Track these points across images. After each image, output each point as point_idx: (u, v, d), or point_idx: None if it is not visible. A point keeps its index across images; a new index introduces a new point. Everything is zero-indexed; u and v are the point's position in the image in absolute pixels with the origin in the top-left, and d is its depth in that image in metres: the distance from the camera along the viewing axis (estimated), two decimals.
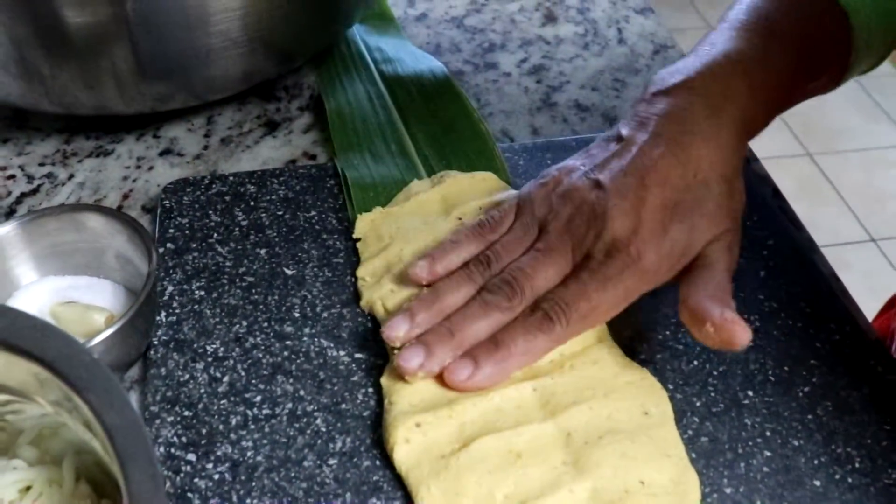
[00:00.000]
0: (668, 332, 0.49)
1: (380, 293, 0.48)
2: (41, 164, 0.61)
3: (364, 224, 0.53)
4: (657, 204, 0.44)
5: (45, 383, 0.33)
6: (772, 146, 2.15)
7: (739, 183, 0.46)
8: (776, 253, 0.54)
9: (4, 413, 0.38)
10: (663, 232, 0.44)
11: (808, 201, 2.01)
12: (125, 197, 0.59)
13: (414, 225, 0.52)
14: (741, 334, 0.41)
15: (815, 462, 0.44)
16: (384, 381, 0.44)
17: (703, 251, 0.45)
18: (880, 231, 1.95)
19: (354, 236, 0.52)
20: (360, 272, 0.50)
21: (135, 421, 0.31)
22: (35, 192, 0.59)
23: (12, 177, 0.60)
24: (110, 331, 0.43)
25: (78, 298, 0.49)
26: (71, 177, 0.60)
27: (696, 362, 0.48)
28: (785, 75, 0.49)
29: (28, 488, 0.38)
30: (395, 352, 0.44)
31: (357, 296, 0.50)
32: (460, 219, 0.52)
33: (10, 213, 0.57)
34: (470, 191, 0.55)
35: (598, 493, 0.40)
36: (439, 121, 0.61)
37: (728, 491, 0.43)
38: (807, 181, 2.08)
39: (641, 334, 0.49)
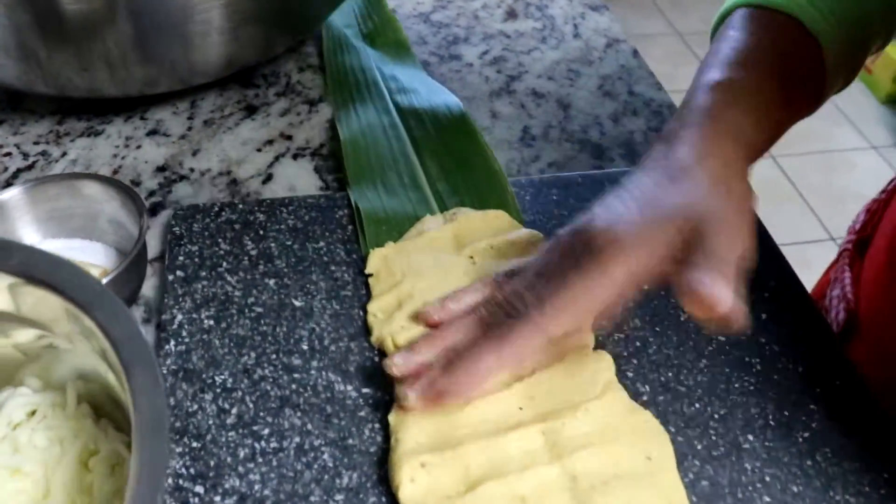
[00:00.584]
0: (670, 374, 0.50)
1: (390, 329, 0.48)
2: (36, 143, 0.64)
3: (376, 259, 0.53)
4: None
5: (58, 310, 0.37)
6: None
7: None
8: (776, 294, 0.55)
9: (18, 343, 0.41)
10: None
11: (771, 201, 2.04)
12: (114, 172, 0.62)
13: (426, 262, 0.52)
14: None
15: (809, 495, 0.45)
16: (391, 417, 0.45)
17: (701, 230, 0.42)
18: (840, 230, 1.98)
19: (367, 272, 0.53)
20: (372, 308, 0.50)
21: (137, 332, 0.34)
22: (30, 167, 0.62)
23: (8, 154, 0.63)
24: (104, 280, 0.46)
25: (74, 258, 0.51)
26: (64, 154, 0.63)
27: (697, 405, 0.48)
28: (774, 106, 0.49)
29: (33, 413, 0.40)
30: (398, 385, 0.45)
31: (365, 329, 0.51)
32: (472, 257, 0.53)
33: (6, 187, 0.59)
34: (482, 228, 0.55)
35: None
36: (453, 155, 0.61)
37: None
38: (770, 182, 2.11)
39: (645, 376, 0.50)
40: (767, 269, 0.56)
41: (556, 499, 0.42)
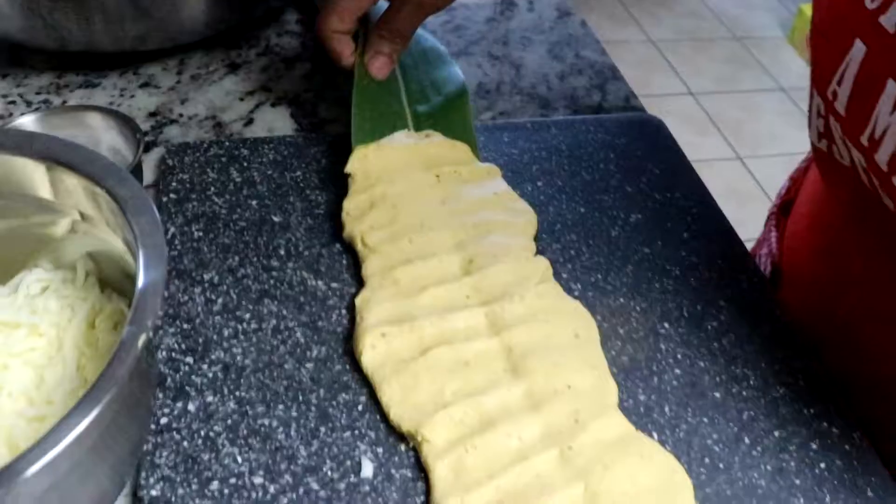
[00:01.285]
0: (599, 276, 0.57)
1: (360, 228, 0.55)
2: (37, 94, 0.70)
3: (357, 159, 0.59)
4: None
5: (75, 187, 0.43)
6: (705, 150, 2.27)
7: None
8: (697, 220, 0.62)
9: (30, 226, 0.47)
10: None
11: (737, 201, 2.13)
12: None
13: (399, 171, 0.59)
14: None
15: (717, 379, 0.52)
16: (358, 300, 0.52)
17: None
18: None
19: (346, 171, 0.59)
20: (346, 205, 0.57)
21: (140, 191, 0.41)
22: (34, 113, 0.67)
23: (13, 102, 0.69)
24: None
25: None
26: (64, 103, 0.69)
27: (622, 300, 0.56)
28: None
29: (46, 288, 0.46)
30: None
31: (335, 239, 0.58)
32: (437, 176, 0.60)
33: None
34: (449, 155, 0.62)
35: (531, 392, 0.47)
36: (434, 86, 0.67)
37: (642, 398, 0.50)
38: (737, 182, 2.20)
39: (577, 277, 0.57)
40: (691, 197, 0.64)
41: (493, 362, 0.49)
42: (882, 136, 0.43)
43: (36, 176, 0.45)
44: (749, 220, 2.07)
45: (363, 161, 0.59)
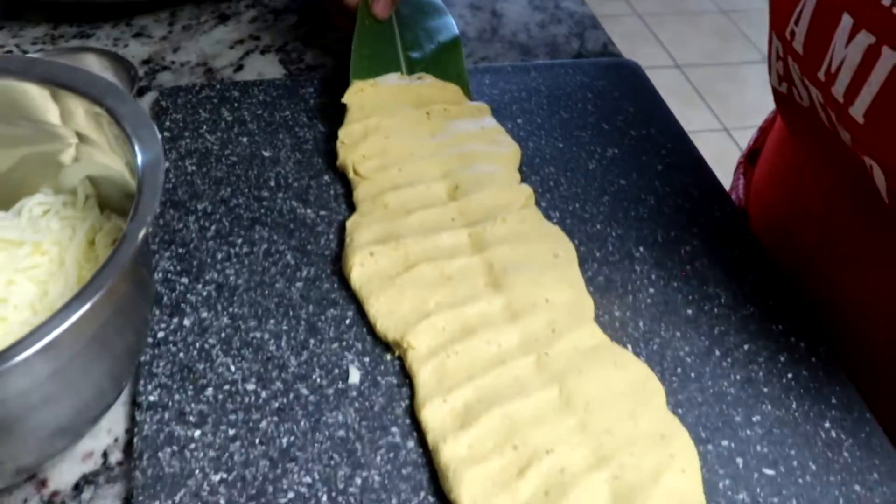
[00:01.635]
0: (577, 205, 0.59)
1: (353, 156, 0.57)
2: (33, 44, 0.72)
3: (353, 92, 0.62)
4: None
5: (76, 109, 0.45)
6: (692, 122, 2.30)
7: None
8: (672, 154, 0.65)
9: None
10: None
11: (724, 171, 2.15)
12: None
13: (393, 105, 0.61)
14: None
15: (690, 298, 0.54)
16: (348, 223, 0.54)
17: None
18: None
19: (343, 101, 0.61)
20: (341, 134, 0.59)
21: (139, 108, 0.43)
22: None
23: (10, 52, 0.71)
24: None
25: None
26: None
27: (598, 226, 0.58)
28: None
29: (47, 211, 0.48)
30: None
31: (324, 170, 0.59)
32: (428, 114, 0.61)
33: None
34: (440, 95, 0.64)
35: (511, 304, 0.49)
36: (427, 33, 0.69)
37: (617, 314, 0.52)
38: (724, 153, 2.23)
39: (556, 205, 0.59)
40: (666, 133, 0.66)
41: (475, 277, 0.51)
42: (838, 68, 0.45)
43: (39, 99, 0.47)
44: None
45: (359, 94, 0.61)
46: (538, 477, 0.41)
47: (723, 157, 2.20)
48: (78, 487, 0.43)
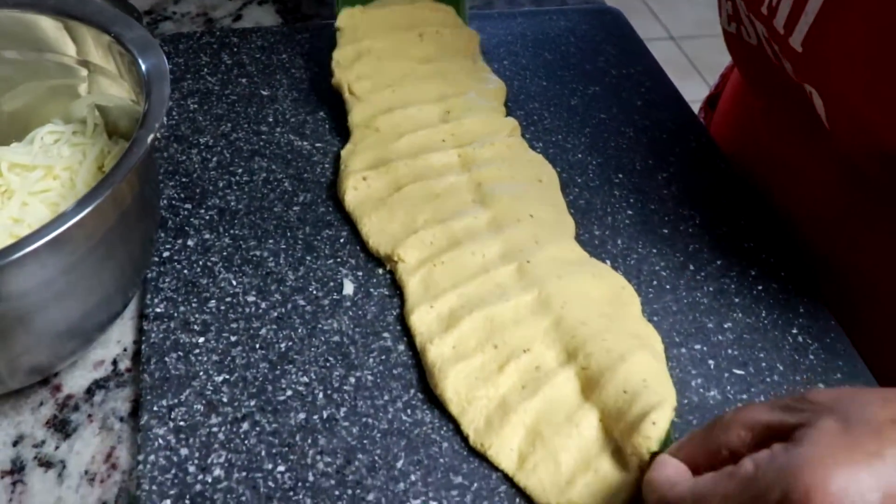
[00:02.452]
0: (560, 137, 0.61)
1: (348, 77, 0.59)
2: None
3: (345, 16, 0.63)
4: None
5: (86, 37, 0.48)
6: (686, 93, 2.30)
7: None
8: (651, 91, 0.66)
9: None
10: None
11: None
12: None
13: (384, 28, 0.62)
14: None
15: (666, 218, 0.56)
16: (343, 152, 0.55)
17: None
18: None
19: (336, 26, 0.62)
20: (336, 55, 0.60)
21: (144, 32, 0.45)
22: None
23: None
24: None
25: None
26: None
27: (580, 155, 0.60)
28: None
29: (58, 140, 0.50)
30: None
31: (319, 107, 0.61)
32: (421, 35, 0.63)
33: None
34: (433, 17, 0.65)
35: (496, 219, 0.51)
36: None
37: (597, 233, 0.54)
38: None
39: (540, 137, 0.61)
40: (645, 73, 0.67)
41: (463, 195, 0.52)
42: (779, 1, 0.47)
43: (51, 31, 0.48)
44: None
45: (351, 18, 0.62)
46: (516, 373, 0.43)
47: None
48: (90, 391, 0.45)
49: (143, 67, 0.44)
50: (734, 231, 0.55)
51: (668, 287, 0.51)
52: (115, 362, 0.47)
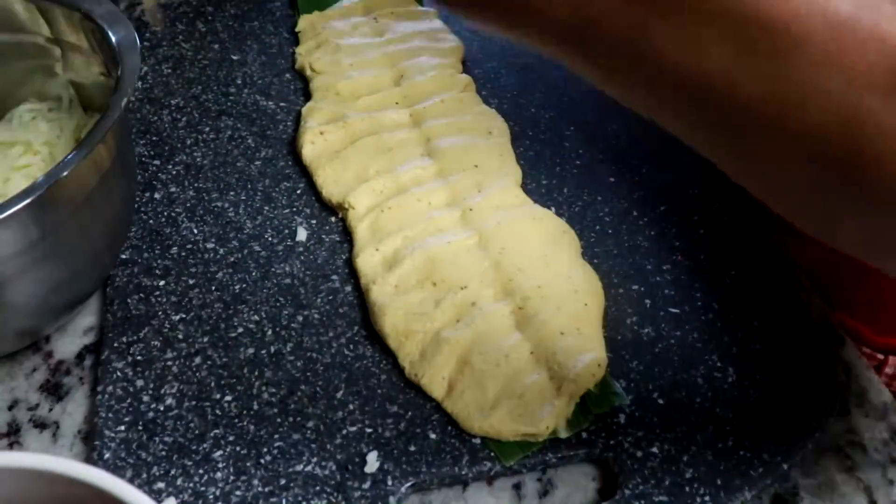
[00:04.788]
0: (515, 93, 0.62)
1: (310, 59, 0.61)
2: None
3: (304, 21, 0.65)
4: None
5: (55, 19, 0.49)
6: None
7: None
8: None
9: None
10: None
11: None
12: None
13: (339, 23, 0.64)
14: None
15: (612, 168, 0.57)
16: (304, 109, 0.57)
17: None
18: None
19: (297, 30, 0.65)
20: (299, 49, 0.63)
21: (113, 7, 0.46)
22: None
23: None
24: None
25: None
26: None
27: (532, 110, 0.60)
28: None
29: (35, 117, 0.51)
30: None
31: (286, 70, 0.63)
32: (375, 19, 0.64)
33: None
34: (387, 2, 0.67)
35: (443, 169, 0.53)
36: None
37: (544, 182, 0.55)
38: None
39: (494, 93, 0.62)
40: None
41: (413, 148, 0.54)
42: None
43: (23, 13, 0.50)
44: None
45: (309, 21, 0.65)
46: (451, 308, 0.45)
47: None
48: (80, 356, 0.47)
49: (114, 40, 0.45)
50: (680, 179, 0.56)
51: (610, 231, 0.52)
52: (102, 329, 0.48)
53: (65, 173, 0.37)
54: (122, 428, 0.41)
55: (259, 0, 0.70)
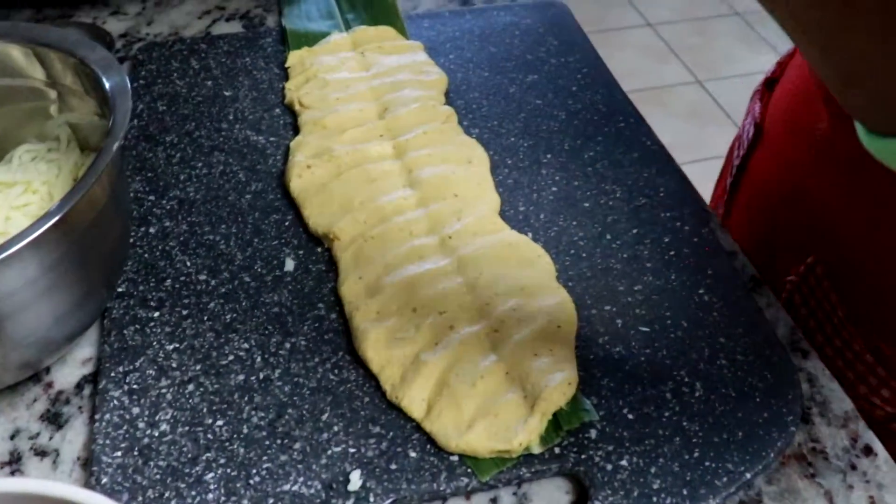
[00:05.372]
0: (496, 122, 0.65)
1: (298, 94, 0.63)
2: None
3: (293, 57, 0.68)
4: None
5: (57, 63, 0.52)
6: (665, 77, 2.31)
7: None
8: (587, 77, 0.70)
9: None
10: None
11: (698, 122, 2.17)
12: None
13: (328, 58, 0.67)
14: None
15: (587, 193, 0.59)
16: (292, 143, 0.60)
17: None
18: None
19: (286, 65, 0.68)
20: (288, 85, 0.66)
21: (107, 54, 0.49)
22: None
23: None
24: None
25: None
26: None
27: (513, 139, 0.63)
28: None
29: (35, 157, 0.54)
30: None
31: (276, 105, 0.65)
32: (363, 53, 0.67)
33: None
34: (374, 37, 0.70)
35: (424, 198, 0.55)
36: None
37: (522, 209, 0.58)
38: (697, 105, 2.24)
39: (476, 123, 0.64)
40: (583, 61, 0.71)
41: (396, 178, 0.56)
42: None
43: (21, 59, 0.53)
44: (712, 140, 2.11)
45: (299, 57, 0.68)
46: (430, 332, 0.47)
47: (696, 108, 2.23)
48: (80, 385, 0.49)
49: (108, 85, 0.48)
50: (653, 202, 0.59)
51: (584, 255, 0.54)
52: (100, 359, 0.51)
53: (62, 213, 0.40)
54: (119, 454, 0.44)
55: (251, 37, 0.73)
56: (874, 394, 0.58)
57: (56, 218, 0.40)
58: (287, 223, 0.56)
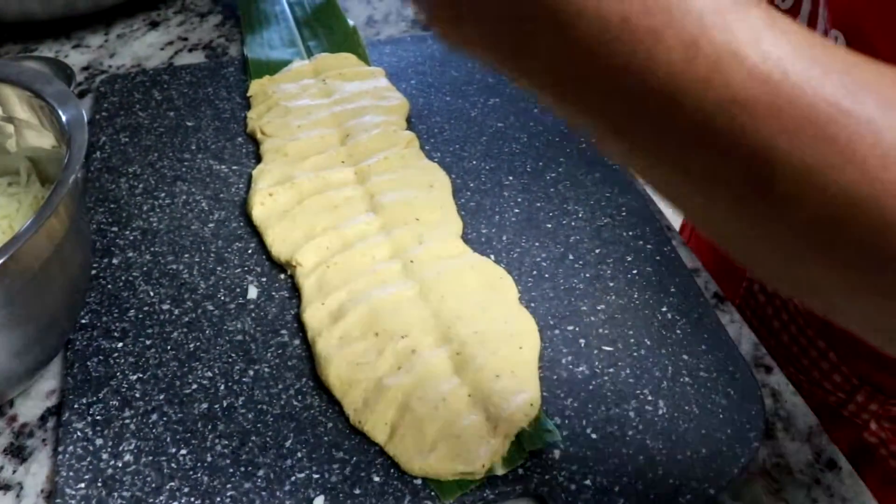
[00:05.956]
0: (457, 146, 0.65)
1: (260, 123, 0.64)
2: None
3: (255, 86, 0.69)
4: None
5: (14, 98, 0.52)
6: None
7: None
8: None
9: None
10: None
11: None
12: None
13: (289, 86, 0.68)
14: None
15: (550, 214, 0.60)
16: (254, 172, 0.60)
17: None
18: None
19: (248, 94, 0.69)
20: (250, 114, 0.66)
21: (63, 87, 0.49)
22: None
23: None
24: None
25: None
26: None
27: (475, 162, 0.64)
28: None
29: None
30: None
31: (238, 134, 0.66)
32: (324, 81, 0.68)
33: None
34: (335, 64, 0.71)
35: (386, 223, 0.56)
36: (321, 22, 0.77)
37: (484, 231, 0.59)
38: None
39: (438, 147, 0.65)
40: None
41: (358, 205, 0.57)
42: None
43: None
44: None
45: (260, 86, 0.69)
46: (392, 356, 0.48)
47: None
48: (43, 418, 0.49)
49: (64, 118, 0.48)
50: (615, 222, 0.59)
51: (546, 276, 0.55)
52: (64, 392, 0.51)
53: (15, 248, 0.40)
54: (83, 485, 0.44)
55: (213, 67, 0.74)
56: (826, 378, 0.59)
57: (9, 254, 0.40)
58: (250, 251, 0.56)
